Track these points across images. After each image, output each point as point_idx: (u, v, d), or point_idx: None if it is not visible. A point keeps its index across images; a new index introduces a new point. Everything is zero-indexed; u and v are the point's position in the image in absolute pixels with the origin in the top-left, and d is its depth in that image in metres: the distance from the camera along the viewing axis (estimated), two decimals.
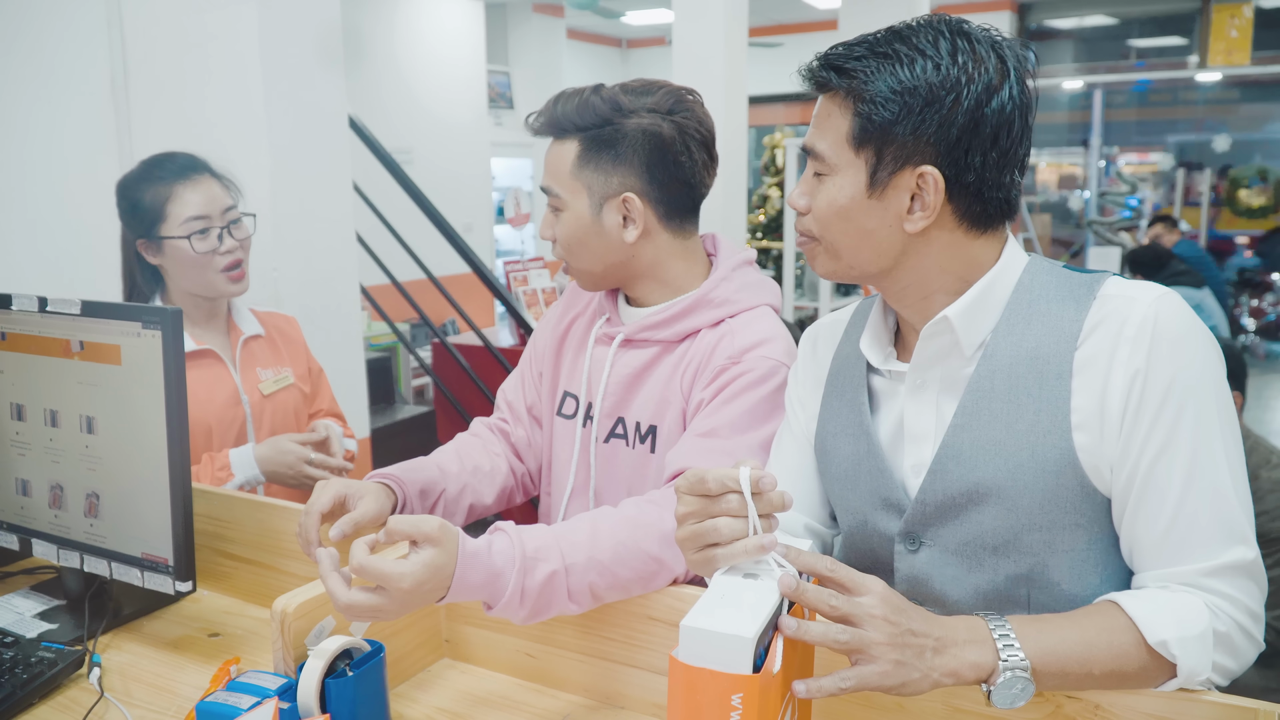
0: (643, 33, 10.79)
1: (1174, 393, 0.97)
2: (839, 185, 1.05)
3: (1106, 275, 1.06)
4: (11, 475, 1.48)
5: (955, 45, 1.01)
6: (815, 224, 1.09)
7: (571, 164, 1.39)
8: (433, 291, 4.11)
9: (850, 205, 1.05)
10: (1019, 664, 0.90)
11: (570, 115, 1.39)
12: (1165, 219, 7.17)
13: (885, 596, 0.89)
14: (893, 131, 1.01)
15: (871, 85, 1.01)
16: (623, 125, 1.37)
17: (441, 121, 7.51)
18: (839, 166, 1.05)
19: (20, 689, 1.23)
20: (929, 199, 1.02)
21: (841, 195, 1.05)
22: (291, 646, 1.15)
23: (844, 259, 1.09)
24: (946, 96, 0.99)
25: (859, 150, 1.03)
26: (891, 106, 1.00)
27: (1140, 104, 11.66)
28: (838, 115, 1.04)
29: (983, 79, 1.00)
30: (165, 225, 1.76)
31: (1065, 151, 11.91)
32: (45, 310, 1.39)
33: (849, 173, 1.04)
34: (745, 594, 0.82)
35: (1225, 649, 0.96)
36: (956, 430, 1.05)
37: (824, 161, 1.06)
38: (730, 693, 0.75)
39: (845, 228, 1.06)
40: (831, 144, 1.05)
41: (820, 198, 1.07)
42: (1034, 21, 9.74)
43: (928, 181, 1.02)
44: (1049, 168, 12.21)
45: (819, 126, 1.07)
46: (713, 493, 0.90)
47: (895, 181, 1.02)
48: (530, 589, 1.11)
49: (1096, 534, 1.03)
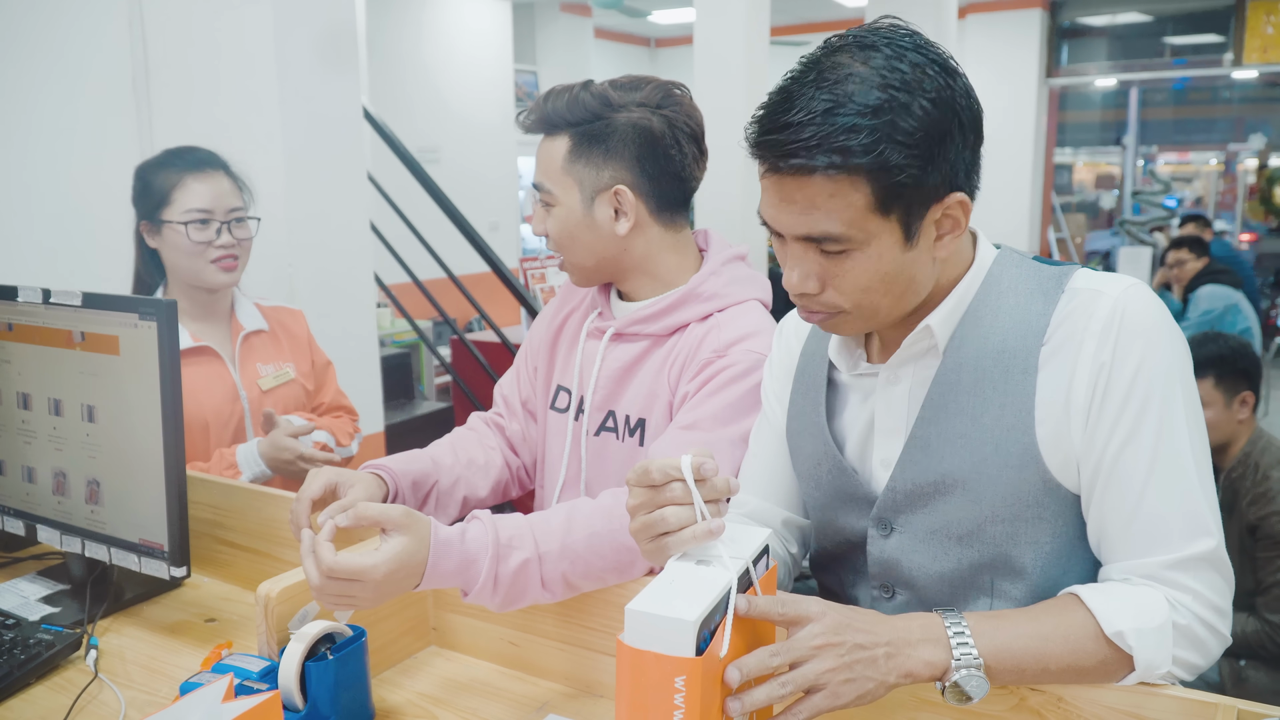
0: (672, 32, 10.79)
1: (1139, 384, 0.97)
2: (875, 255, 0.96)
3: (1075, 268, 1.05)
4: (18, 462, 1.53)
5: (924, 60, 0.94)
6: (847, 298, 0.99)
7: (562, 159, 1.41)
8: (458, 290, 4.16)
9: (893, 268, 0.97)
10: (972, 661, 0.90)
11: (560, 111, 1.40)
12: (1197, 218, 7.06)
13: (826, 620, 0.88)
14: (925, 178, 0.93)
15: (887, 155, 0.91)
16: (613, 120, 1.39)
17: (468, 121, 7.56)
18: (866, 239, 0.95)
19: (17, 669, 1.27)
20: (960, 221, 0.99)
21: (883, 263, 0.97)
22: (275, 630, 1.18)
23: (882, 314, 1.02)
24: (951, 123, 0.94)
25: (885, 216, 0.94)
26: (910, 163, 0.92)
27: (1178, 102, 11.49)
28: (847, 190, 0.93)
29: (959, 84, 0.95)
30: (168, 210, 1.80)
31: (1102, 151, 11.77)
32: (49, 302, 1.43)
33: (881, 239, 0.96)
34: (694, 580, 0.83)
35: (1187, 643, 0.95)
36: (924, 423, 1.06)
37: (843, 241, 0.95)
38: (674, 675, 0.76)
39: (889, 289, 0.99)
40: (850, 221, 0.94)
41: (851, 276, 0.97)
42: (1066, 19, 9.63)
43: (959, 208, 0.98)
44: (1085, 167, 12.07)
45: (822, 206, 0.94)
46: (657, 483, 0.91)
47: (926, 222, 0.97)
48: (503, 576, 1.13)
49: (1061, 527, 1.03)
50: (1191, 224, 6.91)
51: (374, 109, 5.31)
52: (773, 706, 0.89)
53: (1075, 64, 9.91)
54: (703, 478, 0.89)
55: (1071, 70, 9.91)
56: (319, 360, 2.05)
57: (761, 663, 0.86)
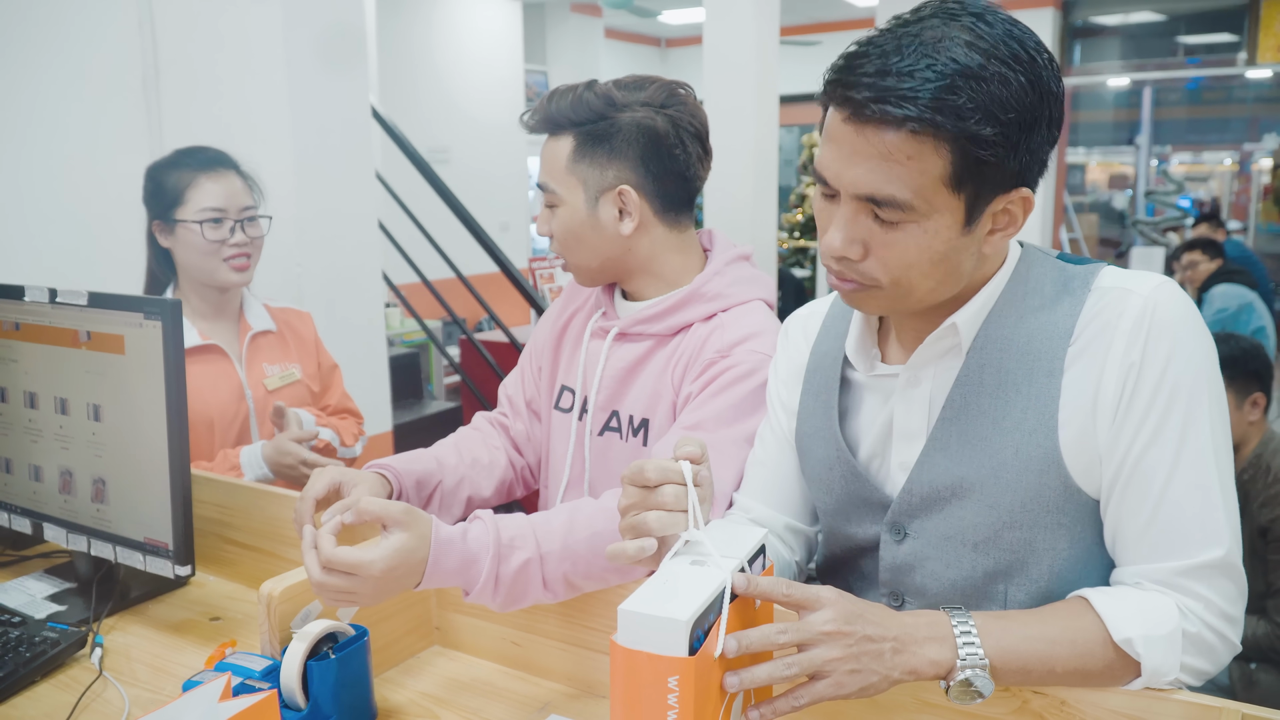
0: (682, 32, 10.79)
1: (1166, 384, 0.95)
2: (931, 232, 0.93)
3: (1102, 266, 1.03)
4: (25, 461, 1.53)
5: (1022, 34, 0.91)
6: (887, 272, 0.96)
7: (567, 159, 1.41)
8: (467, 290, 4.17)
9: (943, 249, 0.94)
10: (978, 662, 0.89)
11: (565, 111, 1.40)
12: (1211, 218, 7.02)
13: (839, 607, 0.87)
14: (1003, 162, 0.90)
15: (981, 126, 0.87)
16: (617, 119, 1.39)
17: (479, 121, 7.58)
18: (930, 211, 0.92)
19: (23, 667, 1.27)
20: (1018, 219, 0.96)
21: (937, 241, 0.93)
22: (277, 629, 1.18)
23: (915, 298, 0.99)
24: (1042, 109, 0.91)
25: (957, 191, 0.91)
26: (999, 139, 0.88)
27: (1192, 102, 11.42)
28: (929, 155, 0.89)
29: (1053, 68, 0.92)
30: (182, 209, 1.82)
31: (1115, 150, 11.70)
32: (55, 301, 1.43)
33: (943, 214, 0.92)
34: (687, 580, 0.83)
35: (1196, 650, 0.94)
36: (944, 424, 1.04)
37: (904, 209, 0.92)
38: (666, 675, 0.76)
39: (933, 271, 0.96)
40: (920, 189, 0.90)
41: (899, 249, 0.94)
42: (1079, 18, 9.58)
43: (1021, 204, 0.95)
44: (1099, 167, 12.00)
45: (896, 169, 0.90)
46: (652, 483, 0.91)
47: (989, 210, 0.95)
48: (505, 576, 1.13)
49: (1079, 534, 1.02)
50: (1204, 224, 6.87)
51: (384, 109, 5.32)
52: (772, 688, 0.88)
53: (1088, 63, 9.86)
54: (699, 483, 0.89)
55: (1084, 70, 9.86)
56: (325, 362, 2.05)
57: (765, 638, 0.84)
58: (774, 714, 0.87)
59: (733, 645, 0.82)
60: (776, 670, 0.85)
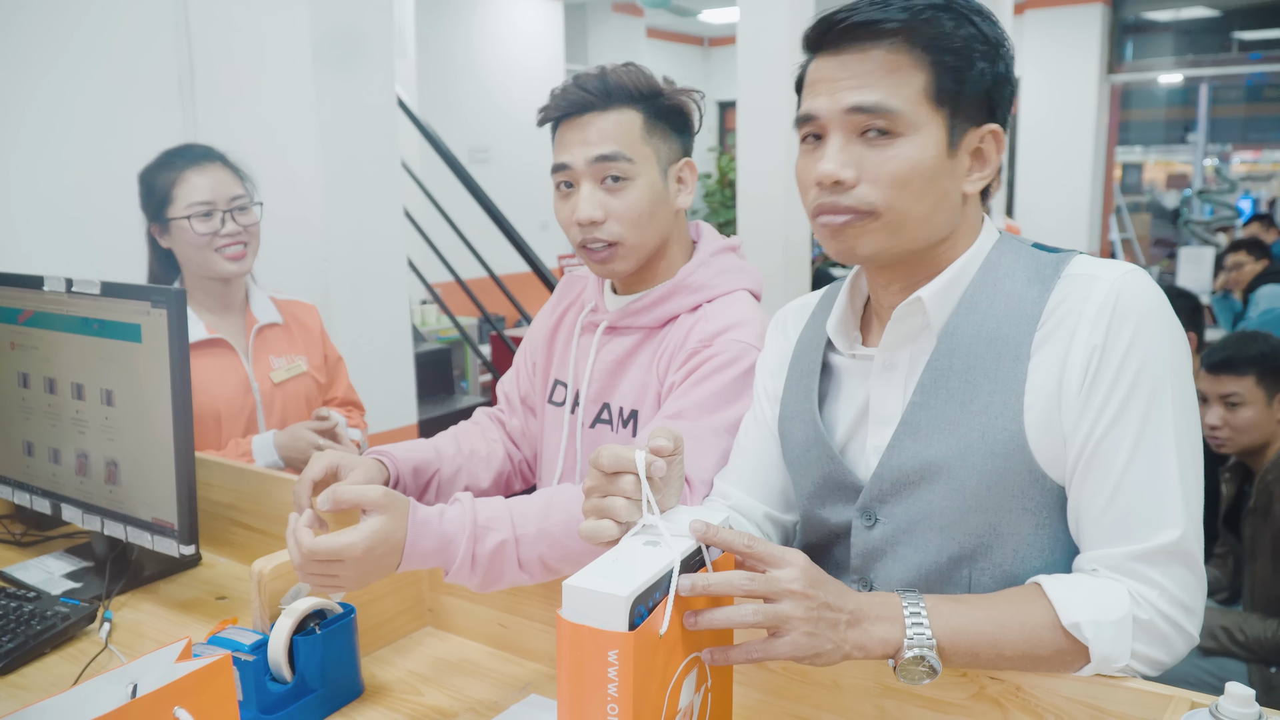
0: (725, 31, 10.77)
1: (1129, 367, 0.96)
2: (920, 145, 0.98)
3: (1074, 254, 1.04)
4: (45, 444, 1.60)
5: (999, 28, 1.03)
6: (881, 193, 0.99)
7: (640, 130, 1.39)
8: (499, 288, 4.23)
9: (935, 166, 0.99)
10: (925, 642, 0.91)
11: (627, 85, 1.39)
12: (1263, 218, 6.85)
13: (805, 569, 0.90)
14: (972, 86, 0.99)
15: (956, 35, 0.98)
16: (672, 96, 1.42)
17: (520, 121, 7.63)
18: (917, 124, 0.98)
19: (33, 639, 1.33)
20: (992, 157, 1.03)
21: (926, 155, 0.98)
22: (267, 605, 1.23)
23: (908, 231, 1.01)
24: (1001, 50, 1.01)
25: (938, 107, 0.99)
26: (973, 59, 0.99)
27: (1251, 99, 11.13)
28: (908, 69, 0.98)
29: (1009, 42, 1.03)
30: (172, 208, 1.86)
31: (1172, 149, 11.44)
32: (71, 291, 1.50)
33: (929, 131, 0.99)
34: (637, 558, 0.85)
35: (1148, 638, 0.94)
36: (915, 408, 1.05)
37: (897, 119, 0.98)
38: (607, 649, 0.78)
39: (926, 191, 0.99)
40: (907, 99, 0.97)
41: (893, 162, 0.98)
42: (1130, 14, 9.40)
43: (994, 139, 1.02)
44: (1156, 165, 11.74)
45: (881, 81, 0.98)
46: (606, 470, 0.93)
47: (965, 140, 1.01)
48: (481, 556, 1.16)
49: (1044, 520, 1.02)
50: (1256, 224, 6.72)
51: (425, 109, 5.39)
52: (731, 635, 0.91)
53: (1140, 59, 9.67)
54: (652, 476, 0.91)
55: (1136, 66, 9.67)
56: (331, 354, 2.09)
57: (729, 582, 0.87)
58: (727, 660, 0.90)
59: (686, 584, 0.85)
60: (735, 615, 0.87)
